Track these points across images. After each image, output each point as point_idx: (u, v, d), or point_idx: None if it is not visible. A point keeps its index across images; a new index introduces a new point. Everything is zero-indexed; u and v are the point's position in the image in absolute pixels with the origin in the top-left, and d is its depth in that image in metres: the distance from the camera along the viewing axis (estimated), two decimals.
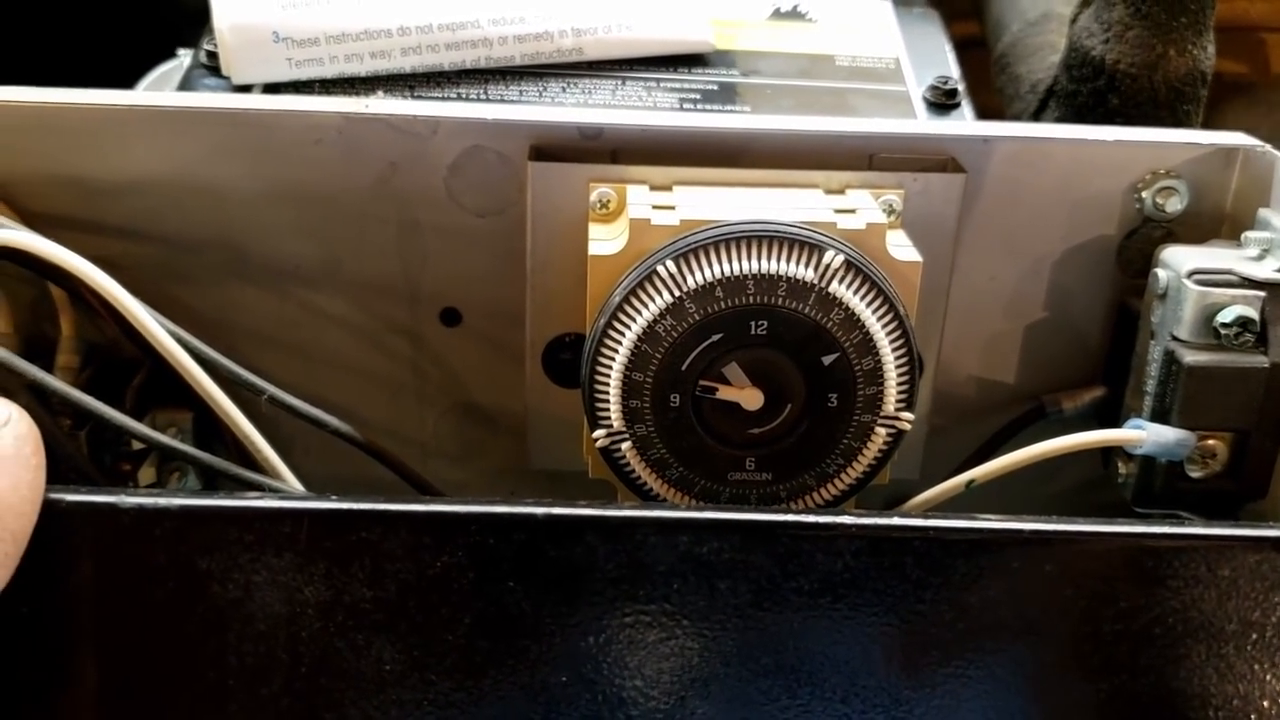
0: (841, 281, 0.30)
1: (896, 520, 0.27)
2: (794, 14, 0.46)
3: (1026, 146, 0.35)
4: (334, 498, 0.27)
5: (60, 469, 0.33)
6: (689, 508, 0.30)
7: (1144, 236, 0.36)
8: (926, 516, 0.28)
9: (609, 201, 0.33)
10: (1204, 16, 0.41)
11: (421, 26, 0.39)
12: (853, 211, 0.32)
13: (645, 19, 0.41)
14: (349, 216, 0.36)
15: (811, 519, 0.27)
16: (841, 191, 0.34)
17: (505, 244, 0.36)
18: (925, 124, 0.39)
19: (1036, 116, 0.46)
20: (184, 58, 0.45)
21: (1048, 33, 0.49)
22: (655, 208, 0.32)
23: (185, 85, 0.40)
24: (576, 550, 0.27)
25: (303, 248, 0.36)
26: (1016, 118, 0.47)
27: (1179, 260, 0.34)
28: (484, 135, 0.35)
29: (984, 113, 0.44)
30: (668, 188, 0.34)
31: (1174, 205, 0.36)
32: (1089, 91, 0.43)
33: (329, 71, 0.39)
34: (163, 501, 0.26)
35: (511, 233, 0.35)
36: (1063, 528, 0.27)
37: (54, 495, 0.26)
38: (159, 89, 0.46)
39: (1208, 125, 0.43)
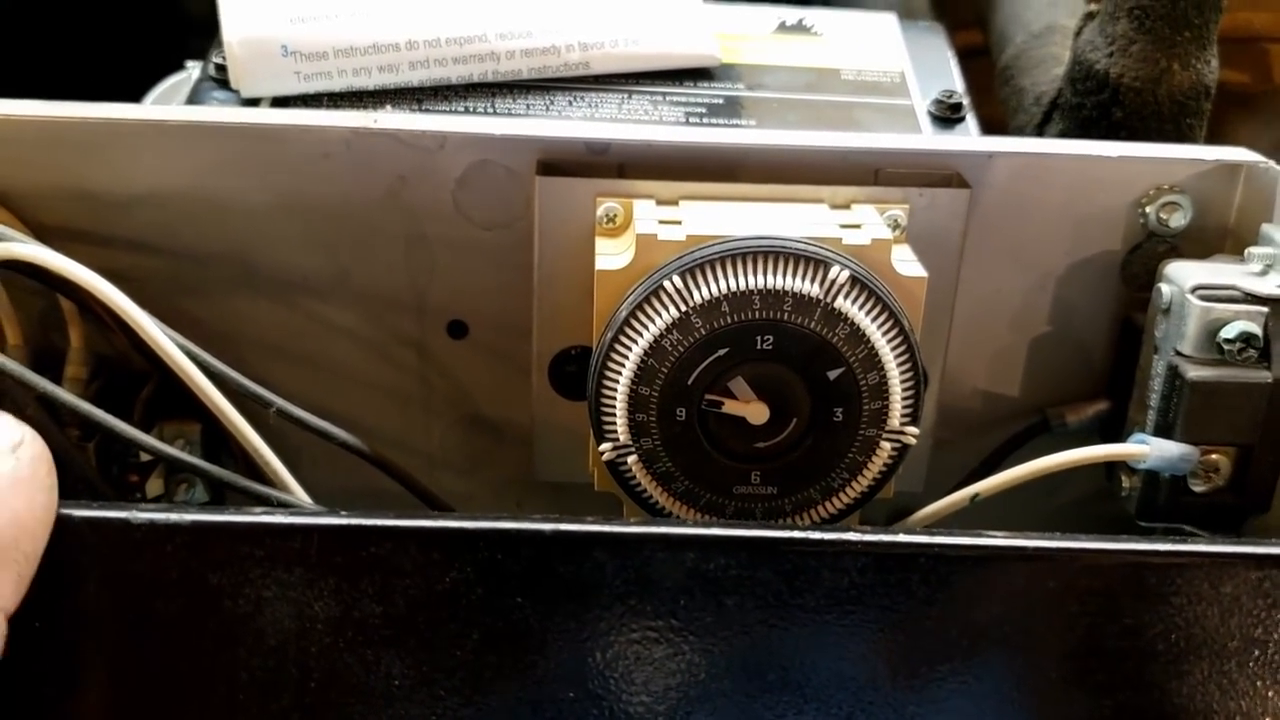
0: (847, 297, 0.30)
1: (902, 537, 0.28)
2: (799, 28, 0.46)
3: (1031, 162, 0.36)
4: (344, 513, 0.27)
5: (68, 480, 0.33)
6: (696, 524, 0.30)
7: (1148, 251, 0.37)
8: (931, 533, 0.28)
9: (615, 216, 0.34)
10: (1208, 31, 0.41)
11: (429, 40, 0.39)
12: (858, 227, 0.32)
13: (651, 33, 0.41)
14: (357, 229, 0.36)
15: (818, 535, 0.27)
16: (847, 206, 0.34)
17: (512, 257, 0.36)
18: (930, 139, 0.39)
19: (1040, 129, 0.46)
20: (192, 70, 0.45)
21: (1051, 45, 0.49)
22: (662, 223, 0.32)
23: (194, 98, 0.40)
24: (584, 566, 0.27)
25: (311, 260, 0.36)
26: (1020, 130, 0.48)
27: (1183, 275, 0.34)
28: (492, 150, 0.35)
29: (987, 122, 0.44)
30: (674, 202, 0.34)
31: (1178, 220, 0.36)
32: (1093, 104, 0.43)
33: (337, 85, 0.39)
34: (174, 517, 0.27)
35: (518, 246, 0.36)
36: (1067, 544, 0.28)
37: (66, 511, 0.27)
38: (167, 101, 0.46)
39: (1210, 135, 0.43)
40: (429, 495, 0.36)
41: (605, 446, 0.31)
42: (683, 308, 0.30)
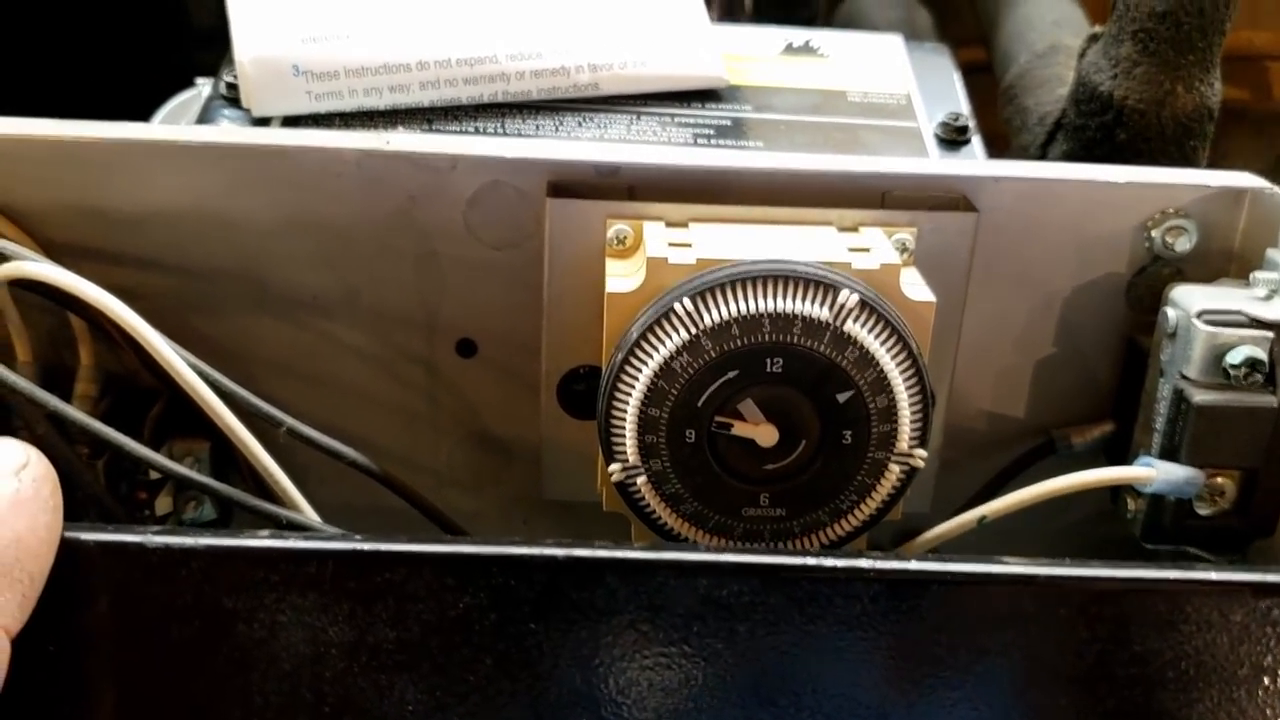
0: (856, 321, 0.30)
1: (914, 564, 0.28)
2: (806, 49, 0.46)
3: (1037, 186, 0.36)
4: (358, 538, 0.27)
5: (78, 498, 0.33)
6: (708, 550, 0.30)
7: (1153, 275, 0.37)
8: (943, 559, 0.28)
9: (625, 238, 0.34)
10: (1211, 54, 0.42)
11: (440, 61, 0.39)
12: (867, 250, 0.33)
13: (660, 55, 0.41)
14: (367, 249, 0.36)
15: (831, 563, 0.27)
16: (855, 230, 0.34)
17: (522, 277, 0.36)
18: (937, 163, 0.40)
19: (1044, 149, 0.46)
20: (202, 88, 0.45)
21: (1055, 65, 0.49)
22: (672, 245, 0.32)
23: (204, 116, 0.40)
24: (597, 591, 0.27)
25: (321, 279, 0.36)
26: (1024, 149, 0.48)
27: (1188, 300, 0.34)
28: (502, 171, 0.35)
29: (991, 138, 0.44)
30: (684, 224, 0.34)
31: (1183, 244, 0.36)
32: (1097, 126, 0.43)
33: (348, 105, 0.39)
34: (189, 541, 0.27)
35: (528, 266, 0.36)
36: (1077, 572, 0.28)
37: (81, 535, 0.27)
38: (177, 118, 0.46)
39: (1211, 152, 0.44)
40: (437, 513, 0.36)
41: (614, 467, 0.32)
42: (693, 330, 0.30)
